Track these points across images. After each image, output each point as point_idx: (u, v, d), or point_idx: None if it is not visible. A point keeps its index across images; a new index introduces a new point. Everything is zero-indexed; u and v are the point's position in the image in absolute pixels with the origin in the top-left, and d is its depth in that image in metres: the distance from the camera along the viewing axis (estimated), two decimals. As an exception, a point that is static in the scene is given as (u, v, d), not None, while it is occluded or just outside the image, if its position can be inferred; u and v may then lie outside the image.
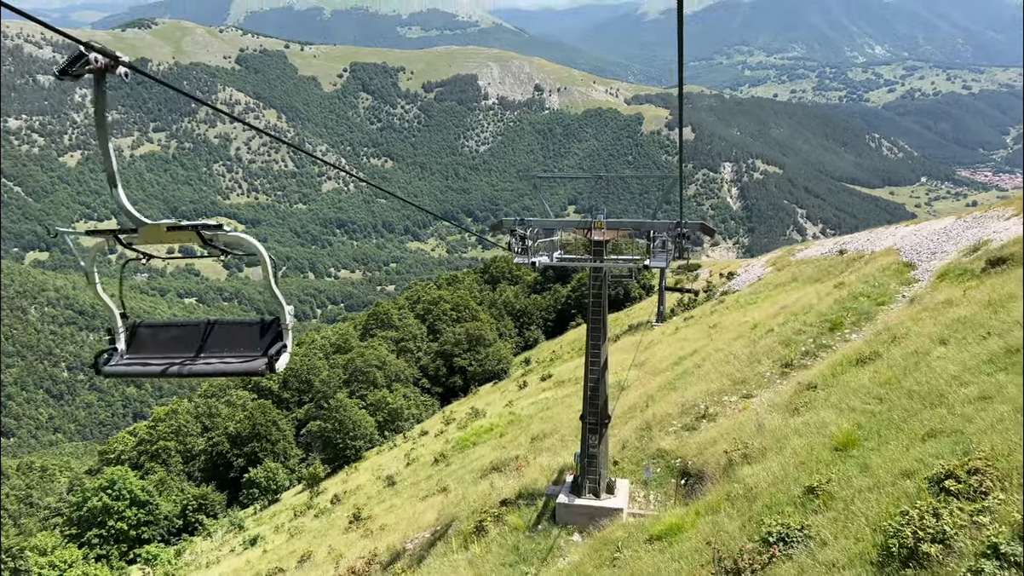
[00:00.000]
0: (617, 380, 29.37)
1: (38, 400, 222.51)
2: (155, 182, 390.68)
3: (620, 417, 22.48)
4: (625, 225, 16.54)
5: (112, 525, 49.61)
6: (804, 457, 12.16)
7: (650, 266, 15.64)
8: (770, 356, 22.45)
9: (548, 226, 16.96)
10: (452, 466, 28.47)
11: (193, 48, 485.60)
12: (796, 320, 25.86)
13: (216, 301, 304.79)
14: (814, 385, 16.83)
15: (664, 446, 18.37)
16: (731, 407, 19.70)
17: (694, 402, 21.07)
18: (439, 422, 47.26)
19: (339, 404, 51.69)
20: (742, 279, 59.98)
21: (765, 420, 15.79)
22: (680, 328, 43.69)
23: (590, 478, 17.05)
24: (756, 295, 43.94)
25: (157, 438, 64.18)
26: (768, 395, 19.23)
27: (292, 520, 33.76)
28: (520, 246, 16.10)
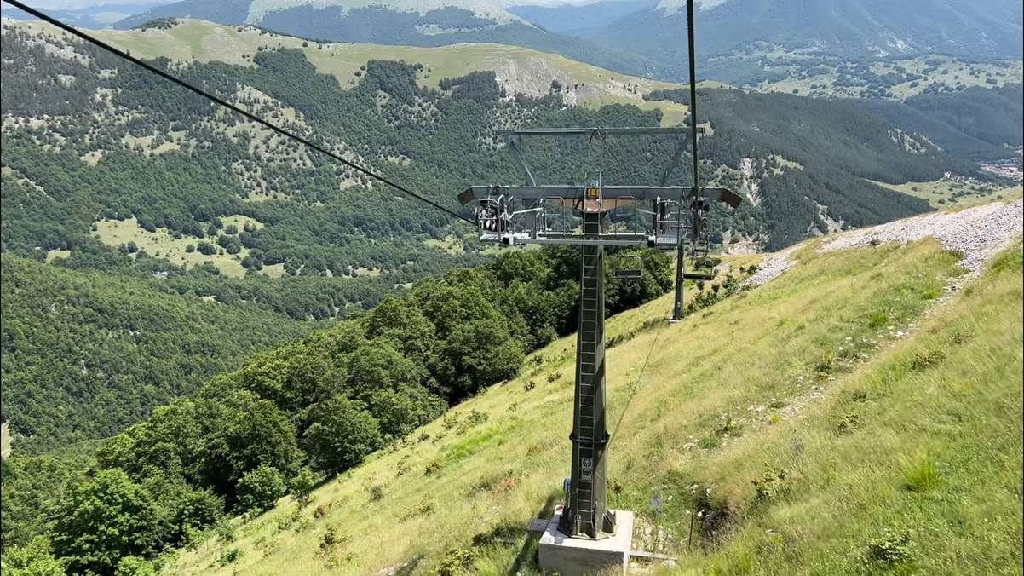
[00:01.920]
0: (628, 383, 26.39)
1: (57, 397, 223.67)
2: (175, 180, 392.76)
3: (627, 427, 19.62)
4: (626, 193, 13.50)
5: (104, 531, 47.52)
6: (863, 497, 9.16)
7: (657, 244, 12.55)
8: (802, 357, 19.41)
9: (529, 195, 13.92)
10: (443, 479, 25.80)
11: (212, 47, 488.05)
12: (830, 316, 22.77)
13: (235, 299, 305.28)
14: (862, 394, 13.84)
15: (677, 467, 15.40)
16: (758, 418, 16.72)
17: (713, 411, 18.09)
18: (440, 426, 44.66)
19: (338, 406, 49.11)
20: (765, 273, 56.73)
21: (803, 439, 12.80)
22: (699, 325, 40.64)
23: (582, 512, 13.99)
24: (780, 289, 40.79)
25: (156, 439, 62.15)
26: (802, 404, 16.26)
27: (274, 534, 31.34)
28: (492, 220, 13.19)
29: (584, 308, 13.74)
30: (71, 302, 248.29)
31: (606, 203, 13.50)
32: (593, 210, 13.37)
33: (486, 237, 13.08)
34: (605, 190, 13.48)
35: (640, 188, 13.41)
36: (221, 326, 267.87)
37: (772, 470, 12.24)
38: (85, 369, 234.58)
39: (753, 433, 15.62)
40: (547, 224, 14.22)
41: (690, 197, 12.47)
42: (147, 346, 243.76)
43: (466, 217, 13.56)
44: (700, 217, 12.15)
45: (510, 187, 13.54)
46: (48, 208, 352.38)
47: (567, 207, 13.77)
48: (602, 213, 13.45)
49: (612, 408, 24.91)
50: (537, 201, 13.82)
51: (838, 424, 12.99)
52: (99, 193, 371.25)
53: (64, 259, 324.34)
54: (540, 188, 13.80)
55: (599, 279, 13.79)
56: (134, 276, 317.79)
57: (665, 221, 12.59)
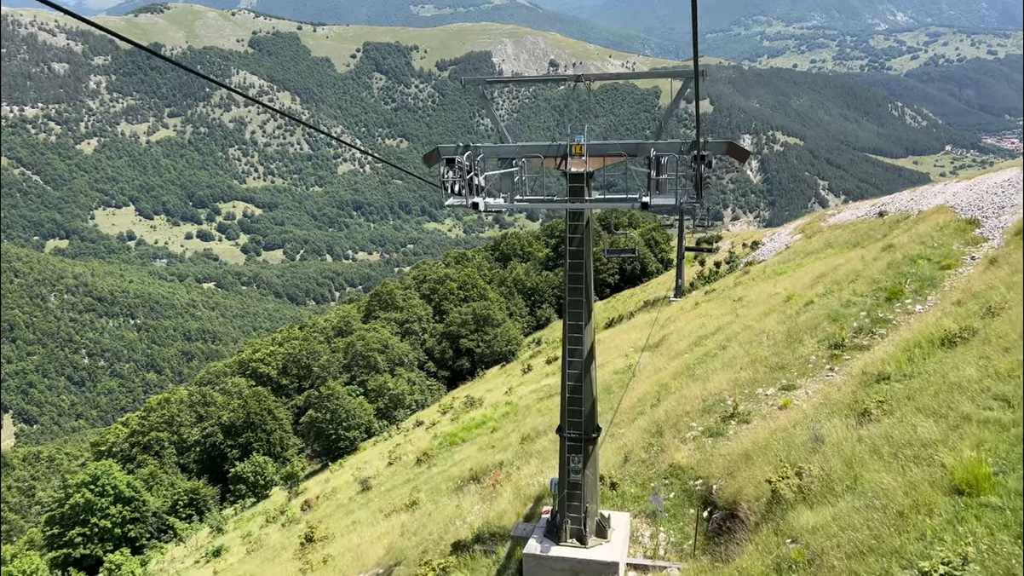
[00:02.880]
0: (627, 364, 25.01)
1: (59, 387, 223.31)
2: (172, 167, 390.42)
3: (626, 413, 18.26)
4: (615, 149, 11.93)
5: (96, 523, 46.51)
6: (902, 503, 7.73)
7: (653, 206, 11.02)
8: (813, 334, 17.96)
9: (504, 153, 12.35)
10: (433, 469, 24.57)
11: (206, 32, 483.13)
12: (841, 290, 21.31)
13: (235, 285, 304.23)
14: (886, 376, 12.42)
15: (680, 460, 14.01)
16: (767, 403, 15.31)
17: (719, 395, 16.68)
18: (436, 411, 43.43)
19: (331, 392, 47.84)
20: (768, 248, 55.22)
21: (822, 429, 11.38)
22: (701, 303, 39.19)
23: (572, 516, 12.50)
24: (785, 264, 39.33)
25: (149, 429, 61.08)
26: (816, 386, 14.86)
27: (262, 528, 30.22)
28: (461, 182, 11.54)
29: (569, 284, 12.26)
30: (70, 291, 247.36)
31: (593, 162, 11.90)
32: (578, 170, 11.78)
33: (452, 202, 11.55)
34: (591, 147, 11.88)
35: (632, 143, 11.82)
36: (222, 313, 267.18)
37: (788, 466, 10.77)
38: (86, 358, 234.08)
39: (763, 420, 14.22)
40: (529, 188, 12.66)
41: (691, 151, 10.91)
42: (148, 334, 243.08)
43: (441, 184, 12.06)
44: (703, 174, 10.62)
45: (482, 145, 12.03)
46: (45, 197, 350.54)
47: (549, 167, 12.25)
48: (589, 173, 11.90)
49: (610, 391, 23.58)
50: (514, 161, 12.30)
51: (861, 410, 11.53)
52: (96, 181, 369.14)
53: (63, 248, 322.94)
54: (516, 146, 12.27)
55: (587, 250, 12.29)
56: (133, 264, 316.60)
57: (661, 180, 11.07)
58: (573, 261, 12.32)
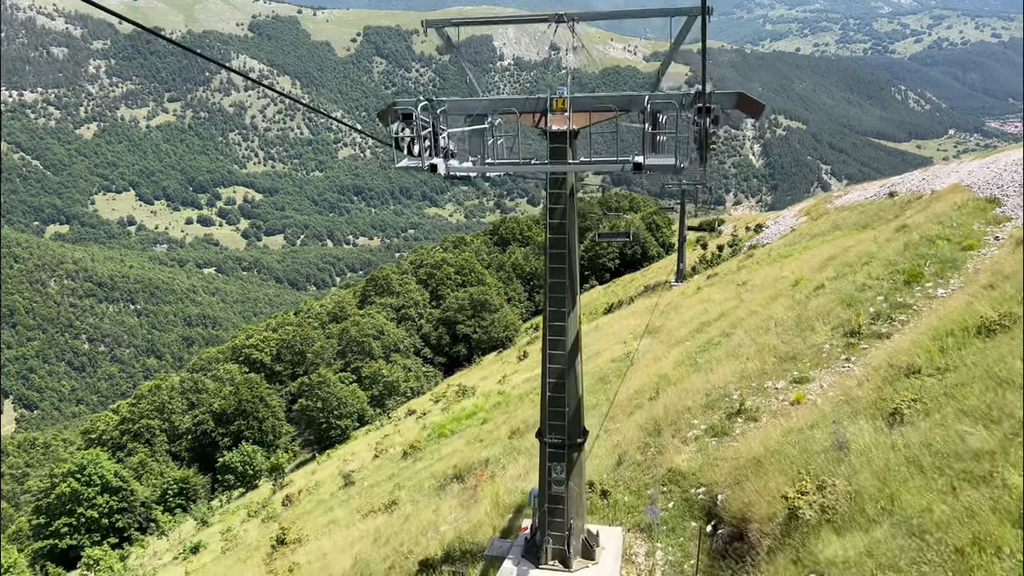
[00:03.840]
0: (626, 352, 23.58)
1: (60, 372, 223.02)
2: (172, 152, 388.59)
3: (622, 407, 16.86)
4: (604, 104, 10.30)
5: (82, 513, 45.44)
6: (957, 536, 6.25)
7: (647, 166, 9.33)
8: (826, 321, 16.50)
9: (473, 109, 10.77)
10: (419, 463, 23.27)
11: (205, 16, 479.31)
12: (854, 273, 19.83)
13: (235, 271, 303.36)
14: (915, 368, 10.98)
15: (680, 463, 12.61)
16: (777, 398, 13.87)
17: (723, 388, 15.23)
18: (428, 400, 42.13)
19: (323, 380, 46.55)
20: (772, 231, 53.69)
21: (846, 432, 9.93)
22: (703, 287, 37.74)
23: (553, 534, 10.97)
24: (791, 247, 37.83)
25: (140, 416, 59.97)
26: (831, 379, 13.42)
27: (243, 523, 29.02)
28: (425, 142, 9.77)
29: (550, 264, 10.73)
30: (70, 277, 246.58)
31: (577, 118, 10.25)
32: (560, 128, 10.19)
33: (406, 164, 9.99)
34: (576, 100, 10.26)
35: (623, 96, 10.13)
36: (222, 298, 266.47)
37: (807, 478, 9.23)
38: (87, 344, 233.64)
39: (773, 417, 12.82)
40: (507, 152, 11.04)
41: (694, 104, 9.37)
42: (148, 319, 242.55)
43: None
44: (708, 130, 9.07)
45: (447, 99, 10.52)
46: (45, 182, 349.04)
47: (526, 125, 10.70)
48: (572, 132, 10.32)
49: (607, 381, 22.19)
50: (486, 119, 10.77)
51: (890, 410, 10.01)
52: (96, 167, 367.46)
53: (63, 234, 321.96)
54: (486, 99, 10.72)
55: (571, 224, 10.73)
56: (134, 249, 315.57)
57: (658, 138, 9.52)
58: (554, 236, 10.65)
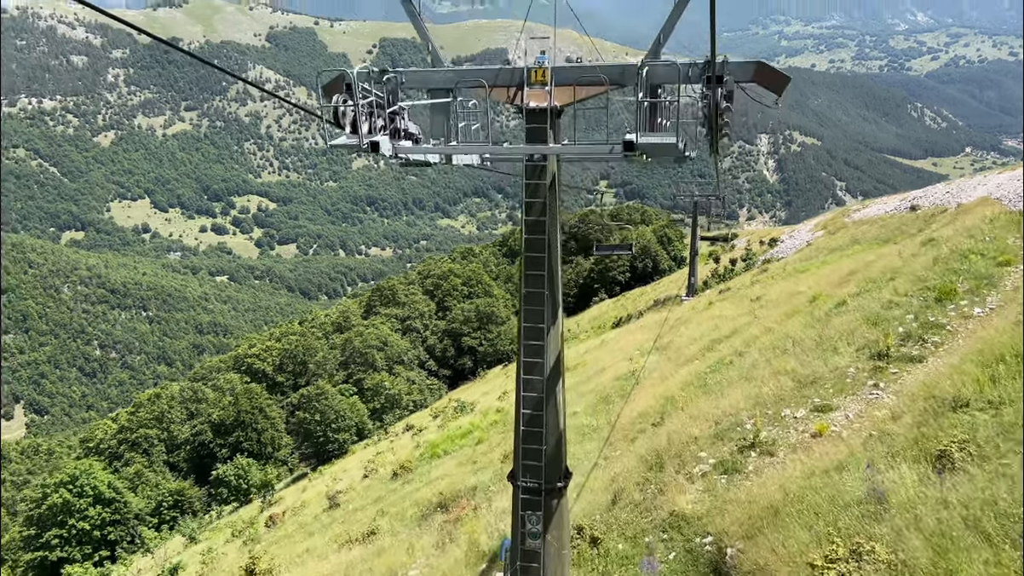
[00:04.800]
0: (631, 370, 22.08)
1: (71, 378, 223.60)
2: (187, 161, 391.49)
3: (624, 431, 15.39)
4: (592, 75, 8.67)
5: (73, 525, 44.24)
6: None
7: (641, 146, 7.66)
8: (850, 341, 14.98)
9: (435, 82, 9.15)
10: (408, 486, 21.92)
11: (223, 26, 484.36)
12: (879, 289, 18.30)
13: (247, 279, 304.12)
14: (963, 401, 9.43)
15: (684, 505, 11.05)
16: (796, 428, 12.33)
17: (735, 416, 13.72)
18: (427, 415, 40.75)
19: (321, 392, 45.24)
20: (787, 246, 52.12)
21: (882, 479, 8.41)
22: (715, 302, 36.23)
23: None
24: (808, 262, 36.27)
25: (138, 425, 58.93)
26: (857, 407, 11.90)
27: (227, 542, 27.70)
28: (363, 115, 8.08)
29: (527, 270, 9.16)
30: (84, 283, 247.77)
31: (561, 93, 8.62)
32: (539, 104, 8.59)
33: (341, 141, 8.53)
34: (559, 71, 8.66)
35: (616, 65, 8.54)
36: (234, 306, 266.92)
37: (838, 538, 7.64)
38: (98, 350, 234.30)
39: (792, 452, 11.28)
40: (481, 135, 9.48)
41: (702, 75, 7.82)
42: (160, 326, 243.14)
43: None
44: (720, 105, 7.54)
45: (405, 70, 9.11)
46: (62, 189, 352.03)
47: (500, 101, 9.22)
48: (555, 109, 8.74)
49: (609, 401, 20.73)
50: (452, 94, 9.32)
51: (935, 451, 8.41)
52: (112, 174, 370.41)
53: (78, 240, 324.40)
54: (451, 70, 9.26)
55: (552, 220, 9.22)
56: (147, 257, 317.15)
57: (658, 123, 7.99)
58: (531, 236, 8.98)
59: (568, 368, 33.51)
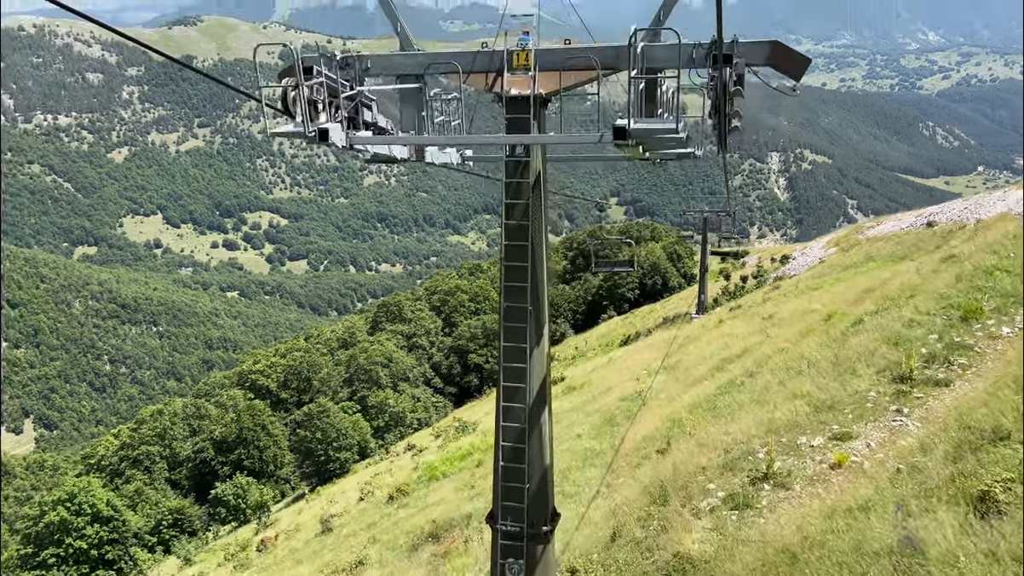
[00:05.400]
0: (638, 390, 21.17)
1: (81, 393, 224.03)
2: (200, 177, 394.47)
3: (628, 456, 14.49)
4: (583, 57, 7.54)
5: (70, 544, 43.46)
6: None
7: (635, 133, 6.74)
8: (870, 363, 14.03)
9: (403, 68, 8.21)
10: (402, 511, 21.04)
11: (237, 44, 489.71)
12: (899, 307, 17.33)
13: (258, 295, 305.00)
14: (1002, 433, 8.50)
15: (690, 546, 10.05)
16: (813, 458, 11.38)
17: (746, 443, 12.78)
18: (429, 435, 39.83)
19: (322, 410, 44.41)
20: (799, 263, 51.16)
21: (916, 522, 7.49)
22: (725, 320, 35.32)
23: None
24: (821, 279, 35.30)
25: (140, 442, 58.34)
26: (880, 435, 10.95)
27: (219, 566, 26.86)
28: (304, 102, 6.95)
29: (507, 281, 8.18)
30: (95, 298, 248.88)
31: (546, 80, 7.73)
32: (521, 91, 7.75)
33: (284, 129, 7.68)
34: (545, 55, 7.74)
35: (609, 48, 7.56)
36: (244, 322, 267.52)
37: None
38: (108, 365, 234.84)
39: (809, 485, 10.36)
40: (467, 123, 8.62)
41: (708, 56, 6.98)
42: (170, 342, 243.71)
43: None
44: (729, 87, 6.68)
45: (369, 55, 8.33)
46: (76, 205, 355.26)
47: (476, 87, 8.42)
48: (540, 97, 7.83)
49: (613, 423, 19.81)
50: (422, 80, 8.52)
51: (976, 492, 7.47)
52: (125, 190, 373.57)
53: (91, 255, 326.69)
54: (423, 53, 8.48)
55: (538, 226, 8.32)
56: (159, 272, 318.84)
57: (655, 98, 7.15)
58: (512, 244, 7.94)
59: (574, 387, 32.57)
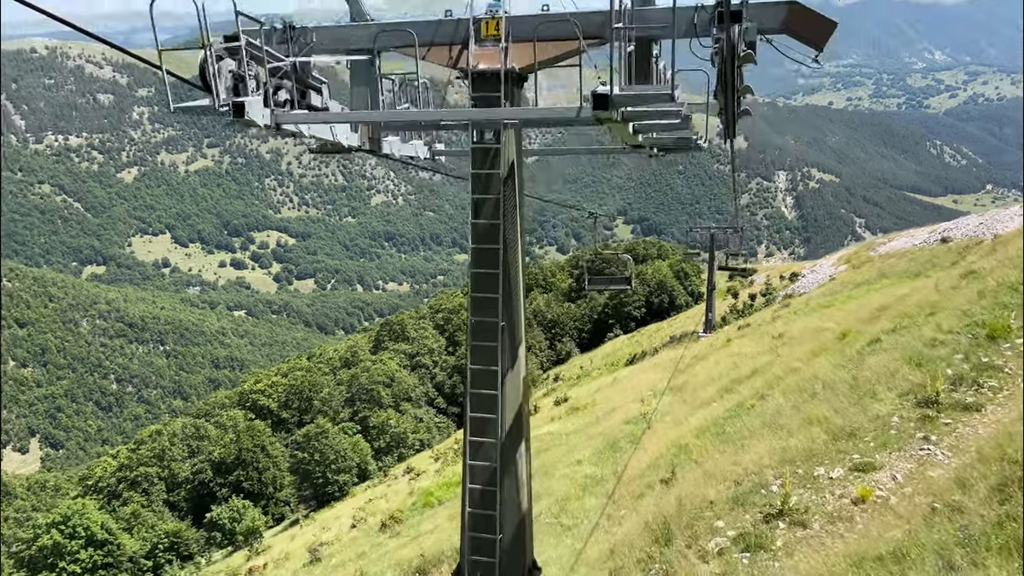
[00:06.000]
0: (642, 412, 20.16)
1: (87, 412, 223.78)
2: (208, 196, 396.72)
3: (631, 483, 13.47)
4: (564, 27, 6.55)
5: (64, 568, 42.50)
6: None
7: (618, 100, 5.69)
8: (891, 385, 12.95)
9: (351, 42, 7.28)
10: (394, 540, 20.04)
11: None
12: (919, 326, 16.28)
13: (265, 314, 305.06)
14: (1052, 466, 7.50)
15: (694, 594, 9.04)
16: (834, 492, 10.27)
17: (758, 474, 11.69)
18: (428, 457, 38.76)
19: (321, 431, 43.41)
20: (809, 280, 50.16)
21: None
22: (733, 339, 34.26)
23: None
24: (832, 297, 34.27)
25: (138, 463, 57.40)
26: (907, 466, 9.88)
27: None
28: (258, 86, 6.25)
29: (475, 291, 7.16)
30: (103, 317, 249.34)
31: (519, 52, 6.91)
32: (490, 66, 6.97)
33: (189, 104, 6.77)
34: (518, 23, 6.86)
35: (595, 13, 6.52)
36: (250, 341, 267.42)
37: None
38: (115, 384, 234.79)
39: (830, 523, 9.27)
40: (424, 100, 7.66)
41: (713, 17, 5.89)
42: (176, 361, 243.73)
43: None
44: (738, 50, 5.71)
45: (315, 27, 7.47)
46: (85, 224, 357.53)
47: (438, 62, 7.52)
48: (513, 73, 7.05)
49: (618, 448, 18.78)
50: (372, 53, 7.63)
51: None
52: (134, 209, 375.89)
53: (99, 274, 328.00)
54: (376, 23, 7.60)
55: (512, 223, 7.34)
56: (167, 291, 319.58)
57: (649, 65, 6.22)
58: (480, 247, 7.06)
59: (577, 408, 31.49)
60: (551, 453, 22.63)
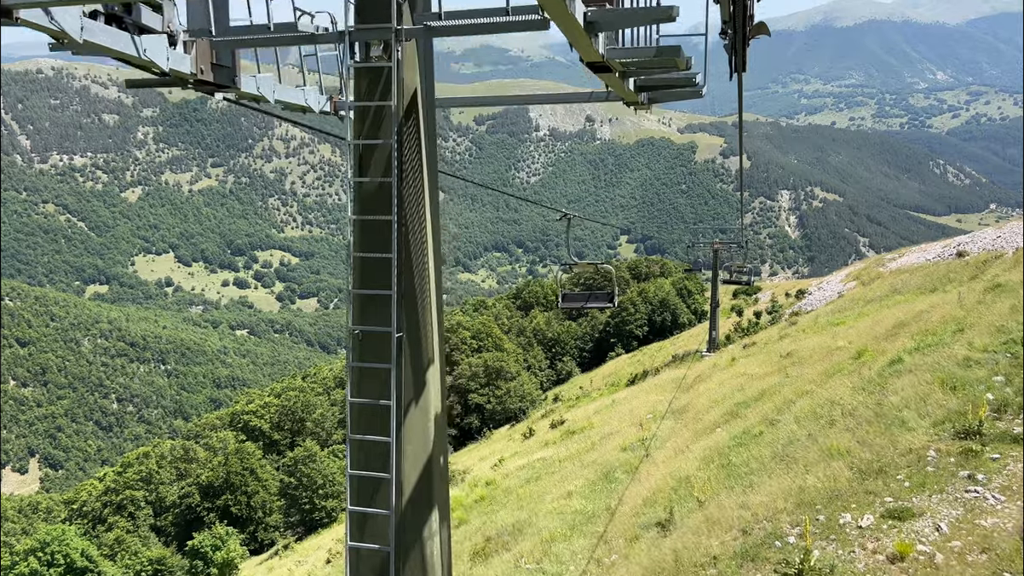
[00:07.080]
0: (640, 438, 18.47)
1: (87, 432, 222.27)
2: (212, 216, 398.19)
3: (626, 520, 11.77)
4: None
5: (40, 598, 40.63)
6: None
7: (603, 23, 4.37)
8: (923, 412, 11.25)
9: None
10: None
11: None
12: (948, 344, 14.60)
13: (267, 333, 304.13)
14: None
15: None
16: (865, 546, 8.48)
17: (771, 520, 9.93)
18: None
19: (307, 455, 41.67)
20: (816, 298, 48.56)
21: None
22: (738, 358, 32.61)
23: None
24: (842, 314, 32.63)
25: (124, 486, 55.68)
26: (952, 513, 8.20)
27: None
28: None
29: (358, 288, 5.08)
30: (104, 336, 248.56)
31: None
32: None
33: None
34: None
35: None
36: (253, 360, 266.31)
37: None
38: (115, 403, 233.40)
39: (861, 589, 7.59)
40: None
41: None
42: (178, 380, 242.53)
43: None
44: None
45: None
46: (88, 244, 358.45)
47: None
48: None
49: (612, 479, 17.09)
50: None
51: None
52: (138, 229, 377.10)
53: (102, 294, 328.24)
54: None
55: (419, 184, 5.17)
56: (169, 310, 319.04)
57: None
58: (366, 219, 5.04)
59: (573, 431, 29.74)
60: (541, 483, 20.80)
